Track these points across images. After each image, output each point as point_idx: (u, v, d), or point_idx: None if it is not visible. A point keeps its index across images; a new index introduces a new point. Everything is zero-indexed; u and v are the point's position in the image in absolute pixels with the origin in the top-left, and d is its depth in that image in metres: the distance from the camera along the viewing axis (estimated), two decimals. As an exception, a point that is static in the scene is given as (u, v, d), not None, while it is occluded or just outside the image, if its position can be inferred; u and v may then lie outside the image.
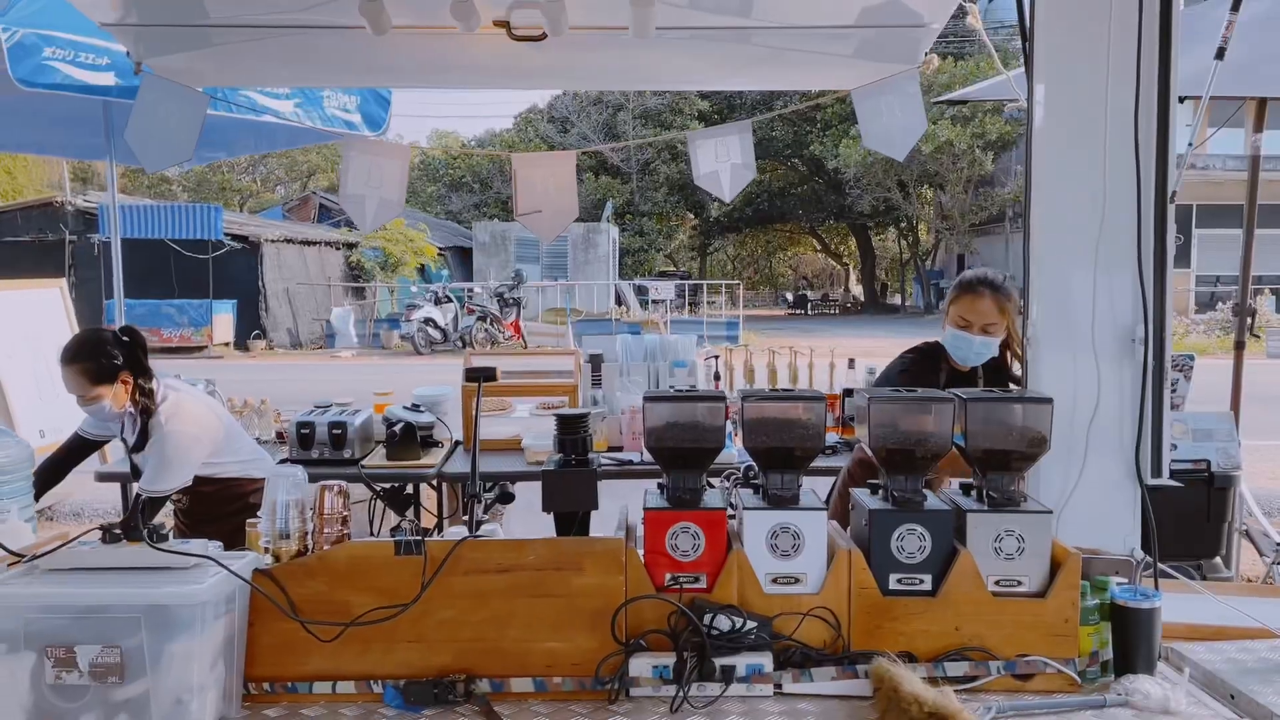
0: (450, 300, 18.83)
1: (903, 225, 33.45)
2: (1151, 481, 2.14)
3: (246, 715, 1.82)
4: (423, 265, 23.77)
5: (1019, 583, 1.94)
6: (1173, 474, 3.67)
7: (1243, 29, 3.74)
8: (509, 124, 34.18)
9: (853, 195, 30.25)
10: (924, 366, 2.96)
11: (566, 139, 30.57)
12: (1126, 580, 2.05)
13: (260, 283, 18.48)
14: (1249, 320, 3.96)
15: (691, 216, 34.62)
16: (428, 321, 18.03)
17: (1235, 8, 2.33)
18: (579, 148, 29.66)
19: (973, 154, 25.46)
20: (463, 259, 27.77)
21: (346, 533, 1.99)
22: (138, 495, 3.16)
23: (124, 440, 3.30)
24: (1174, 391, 4.18)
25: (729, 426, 2.87)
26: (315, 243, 21.66)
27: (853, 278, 43.14)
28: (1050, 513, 1.95)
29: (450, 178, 33.08)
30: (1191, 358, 4.11)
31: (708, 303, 23.70)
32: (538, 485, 2.11)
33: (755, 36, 3.28)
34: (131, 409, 3.09)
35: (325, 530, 1.96)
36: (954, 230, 28.86)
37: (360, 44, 3.21)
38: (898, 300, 36.08)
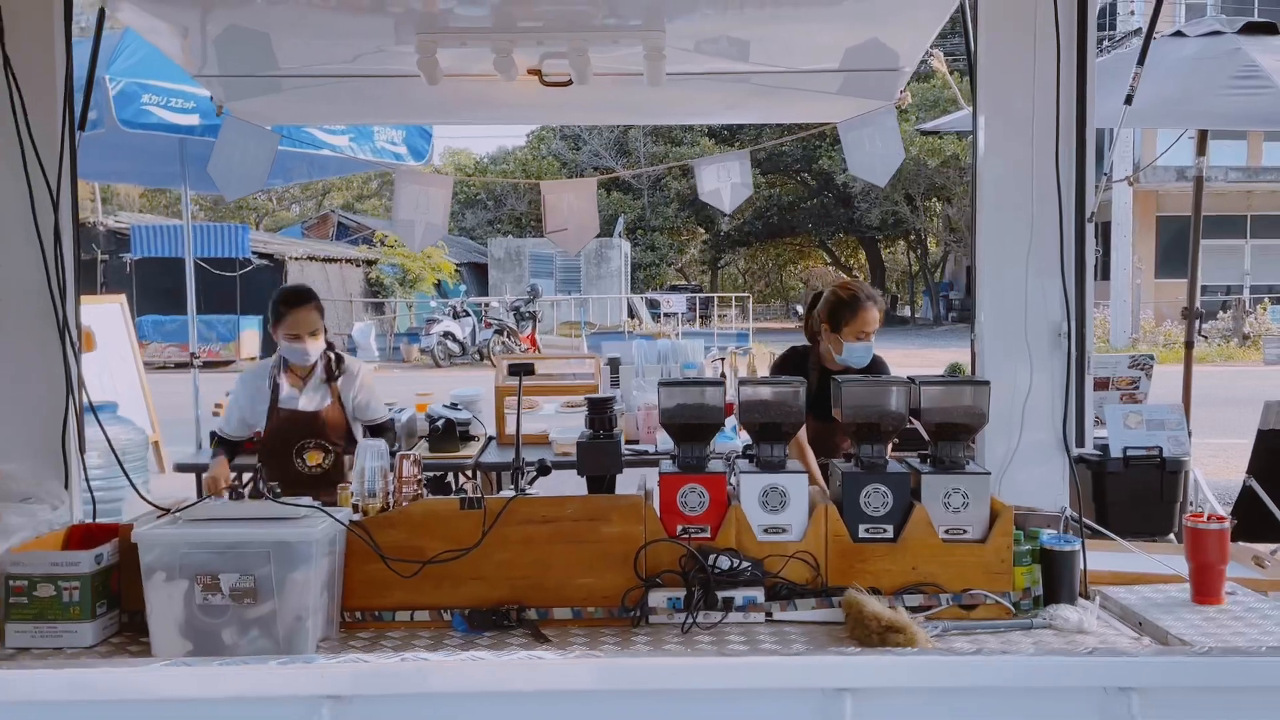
0: (468, 314, 19.37)
1: (911, 238, 33.82)
2: (1076, 451, 2.58)
3: (343, 637, 2.29)
4: (439, 281, 24.33)
5: (964, 531, 2.39)
6: (1128, 459, 4.14)
7: (1177, 67, 4.20)
8: (521, 141, 34.78)
9: (861, 209, 30.66)
10: (794, 366, 3.54)
11: (579, 155, 31.13)
12: (1056, 531, 2.51)
13: (285, 299, 19.11)
14: (1197, 323, 4.38)
15: (702, 231, 35.07)
16: (446, 335, 18.57)
17: (1140, 62, 2.77)
18: (591, 164, 30.23)
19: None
20: (478, 274, 28.34)
21: (420, 493, 2.46)
22: (389, 420, 3.88)
23: (276, 400, 3.70)
24: (1136, 388, 4.62)
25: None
26: (337, 260, 22.28)
27: (863, 290, 43.31)
28: (989, 474, 2.41)
29: (465, 195, 33.67)
30: (1152, 358, 4.56)
31: (718, 315, 24.15)
32: (564, 473, 2.59)
33: (753, 78, 3.77)
34: (324, 349, 3.69)
35: (403, 490, 2.42)
36: (961, 242, 29.23)
37: (409, 88, 3.71)
38: (908, 312, 36.41)
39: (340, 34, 3.44)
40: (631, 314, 23.19)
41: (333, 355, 3.74)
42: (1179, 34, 4.40)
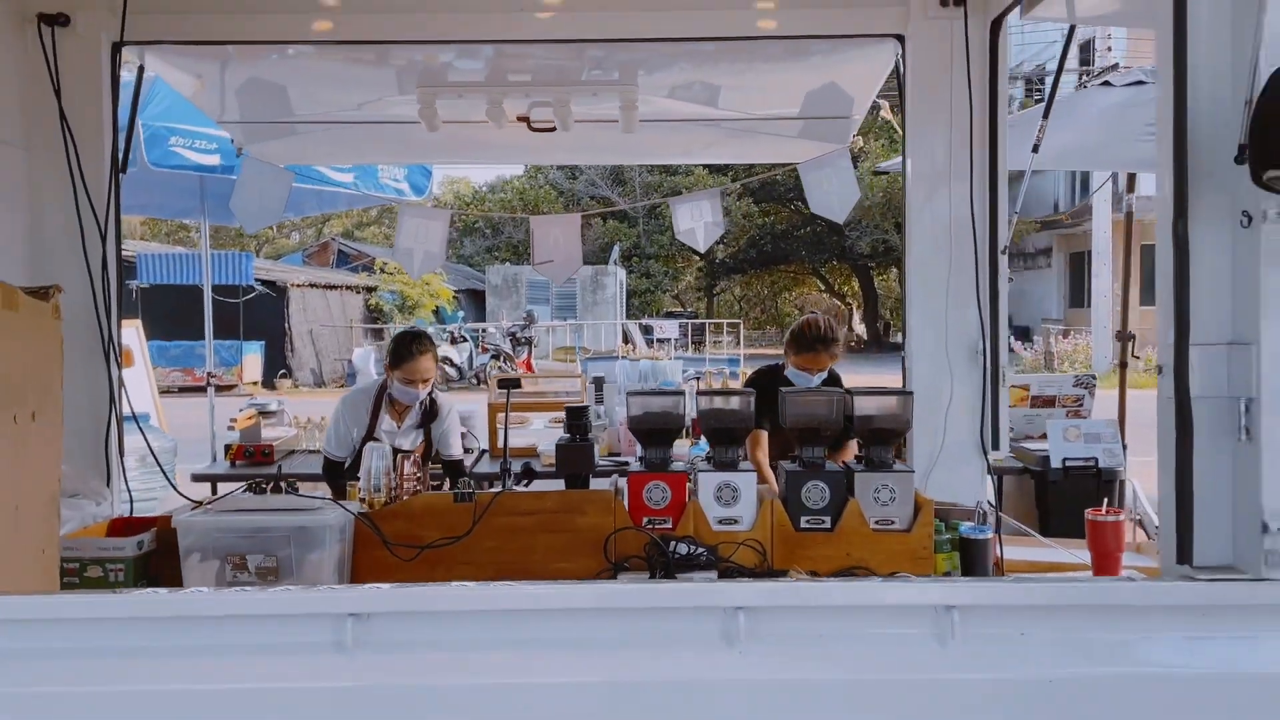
0: (465, 340, 19.76)
1: (902, 265, 34.28)
2: (993, 454, 2.95)
3: (352, 613, 2.64)
4: (438, 307, 24.75)
5: (892, 522, 2.74)
6: (1067, 469, 4.50)
7: (1099, 115, 4.62)
8: (520, 170, 35.31)
9: (852, 237, 31.18)
10: (767, 381, 3.94)
11: (575, 184, 31.66)
12: (973, 523, 2.86)
13: (286, 325, 19.50)
14: (1129, 345, 4.76)
15: (697, 258, 35.53)
16: (444, 360, 18.96)
17: (1045, 115, 3.17)
18: (588, 192, 30.75)
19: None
20: (476, 301, 28.77)
21: (419, 488, 2.82)
22: (460, 461, 4.22)
23: (374, 431, 4.02)
24: (1080, 405, 5.00)
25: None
26: (337, 287, 22.71)
27: (856, 317, 43.88)
28: (913, 472, 2.77)
29: (463, 223, 34.12)
30: (1094, 378, 4.95)
31: (712, 342, 24.56)
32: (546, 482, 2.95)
33: (722, 124, 4.17)
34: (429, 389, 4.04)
35: (404, 486, 2.79)
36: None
37: (410, 132, 4.11)
38: (900, 338, 36.80)
39: (349, 85, 3.85)
40: (626, 339, 23.59)
41: (429, 399, 4.06)
42: (1107, 84, 4.82)
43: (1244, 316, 1.47)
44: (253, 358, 18.48)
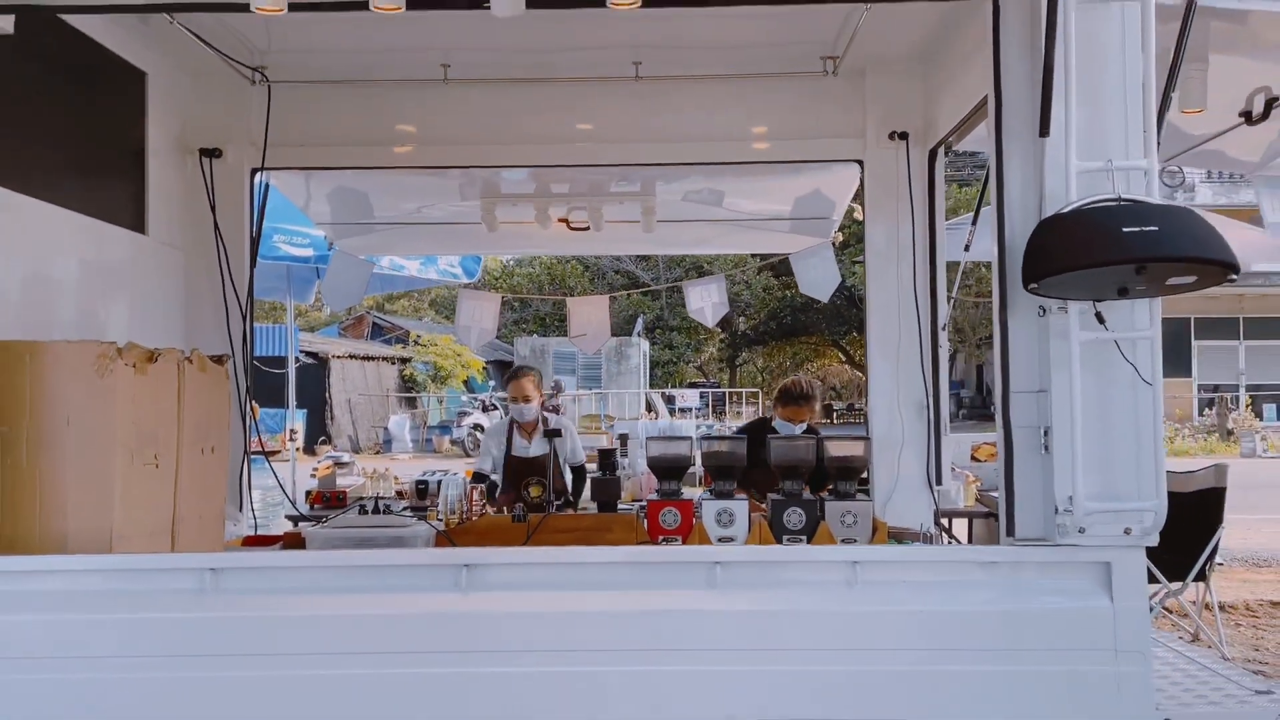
0: (496, 408, 20.66)
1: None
2: (937, 487, 3.71)
3: (433, 607, 3.41)
4: (468, 377, 25.74)
5: (855, 540, 3.47)
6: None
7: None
8: (548, 246, 36.58)
9: (870, 310, 31.97)
10: (756, 431, 4.66)
11: (600, 259, 32.81)
12: (920, 542, 3.61)
13: (327, 394, 20.54)
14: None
15: (719, 330, 36.40)
16: (476, 427, 19.82)
17: (974, 222, 3.99)
18: (612, 267, 31.89)
19: (979, 272, 27.15)
20: (505, 371, 29.76)
21: (484, 511, 3.62)
22: (583, 465, 5.05)
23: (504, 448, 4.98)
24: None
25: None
26: (375, 358, 23.81)
27: (877, 387, 44.19)
28: (871, 501, 3.53)
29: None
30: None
31: (733, 411, 25.29)
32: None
33: (726, 222, 5.06)
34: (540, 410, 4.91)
35: (473, 509, 3.59)
36: (966, 343, 30.37)
37: (470, 231, 5.02)
38: (920, 408, 37.16)
39: (422, 195, 4.77)
40: (649, 408, 24.39)
41: (544, 421, 4.95)
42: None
43: (1043, 373, 2.26)
44: (296, 425, 19.46)
